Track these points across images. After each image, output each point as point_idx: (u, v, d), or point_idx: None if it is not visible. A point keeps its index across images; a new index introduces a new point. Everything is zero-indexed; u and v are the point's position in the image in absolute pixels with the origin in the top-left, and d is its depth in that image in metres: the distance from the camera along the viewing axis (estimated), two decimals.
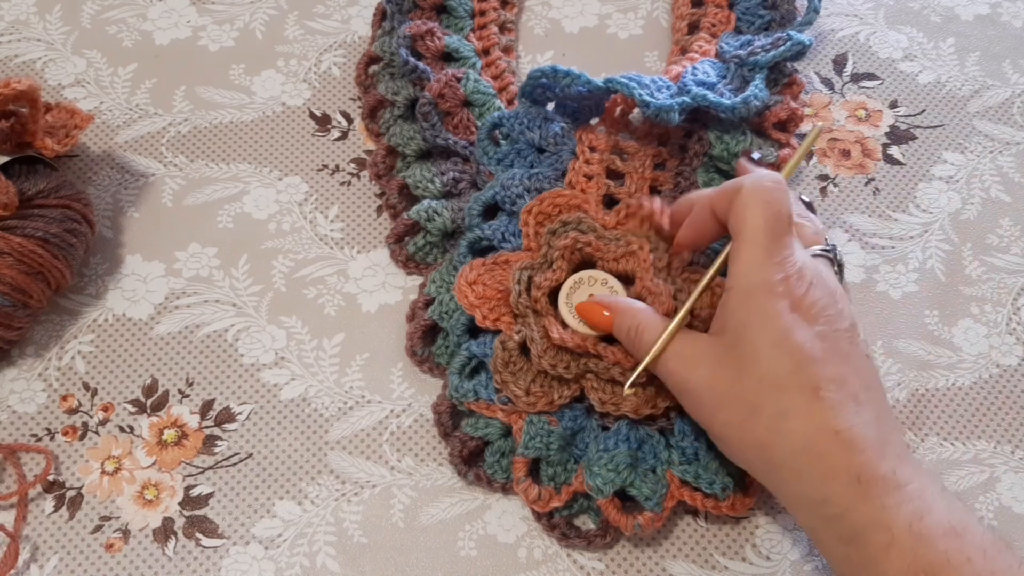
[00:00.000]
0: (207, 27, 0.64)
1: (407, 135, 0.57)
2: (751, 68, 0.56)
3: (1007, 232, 0.57)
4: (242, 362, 0.52)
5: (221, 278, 0.55)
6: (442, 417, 0.49)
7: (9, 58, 0.63)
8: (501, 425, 0.48)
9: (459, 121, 0.57)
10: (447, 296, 0.51)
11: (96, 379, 0.51)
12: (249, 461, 0.49)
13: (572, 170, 0.54)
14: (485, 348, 0.49)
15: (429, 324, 0.51)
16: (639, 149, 0.55)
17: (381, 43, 0.61)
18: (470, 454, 0.48)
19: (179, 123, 0.60)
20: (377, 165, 0.57)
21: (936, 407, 0.51)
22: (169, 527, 0.47)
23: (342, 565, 0.47)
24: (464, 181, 0.55)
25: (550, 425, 0.46)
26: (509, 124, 0.54)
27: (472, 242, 0.52)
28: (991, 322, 0.54)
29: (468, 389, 0.48)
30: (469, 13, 0.62)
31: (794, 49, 0.56)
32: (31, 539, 0.47)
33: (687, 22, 0.64)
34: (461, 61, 0.59)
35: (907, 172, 0.59)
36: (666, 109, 0.52)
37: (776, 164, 0.55)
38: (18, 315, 0.49)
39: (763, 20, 0.62)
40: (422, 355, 0.51)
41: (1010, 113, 0.62)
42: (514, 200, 0.52)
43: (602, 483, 0.45)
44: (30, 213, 0.49)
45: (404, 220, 0.54)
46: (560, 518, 0.47)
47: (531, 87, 0.53)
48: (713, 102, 0.53)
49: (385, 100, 0.58)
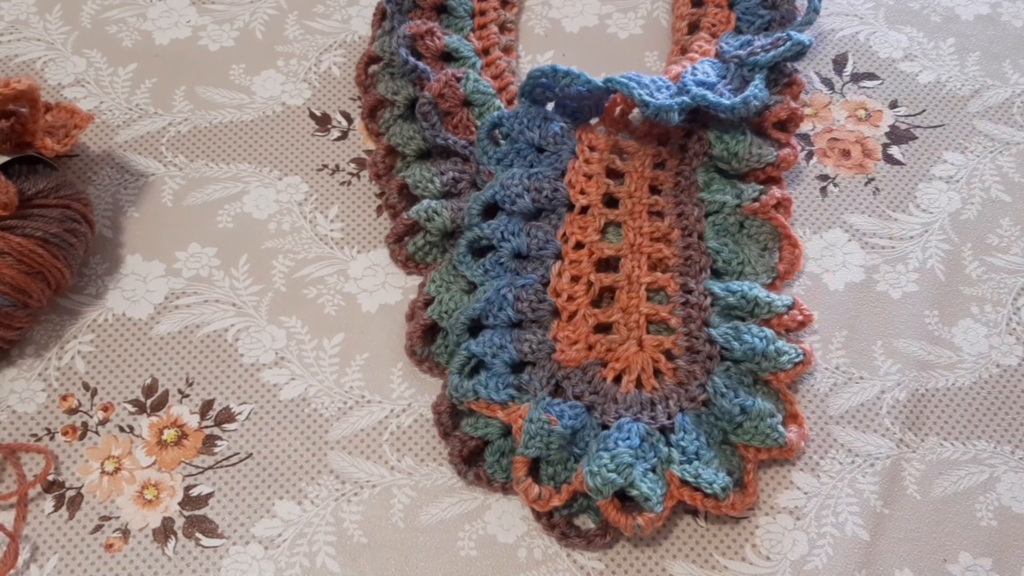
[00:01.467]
0: (207, 27, 0.64)
1: (407, 135, 0.57)
2: (751, 68, 0.56)
3: (1007, 232, 0.57)
4: (242, 362, 0.52)
5: (221, 278, 0.55)
6: (442, 417, 0.49)
7: (9, 58, 0.63)
8: (501, 424, 0.48)
9: (459, 121, 0.57)
10: (447, 295, 0.51)
11: (96, 379, 0.51)
12: (249, 461, 0.49)
13: (572, 169, 0.54)
14: (485, 347, 0.49)
15: (429, 324, 0.51)
16: (639, 149, 0.55)
17: (381, 43, 0.61)
18: (470, 454, 0.48)
19: (179, 123, 0.60)
20: (377, 165, 0.57)
21: (936, 407, 0.51)
22: (169, 527, 0.47)
23: (342, 565, 0.47)
24: (464, 181, 0.55)
25: (550, 424, 0.46)
26: (509, 124, 0.54)
27: (472, 241, 0.52)
28: (991, 322, 0.54)
29: (468, 388, 0.48)
30: (469, 13, 0.62)
31: (794, 49, 0.56)
32: (31, 539, 0.47)
33: (687, 22, 0.64)
34: (461, 61, 0.59)
35: (907, 172, 0.59)
36: (665, 109, 0.52)
37: (776, 164, 0.55)
38: (18, 315, 0.49)
39: (763, 20, 0.62)
40: (422, 355, 0.51)
41: (1010, 113, 0.62)
42: (514, 200, 0.52)
43: (602, 483, 0.45)
44: (30, 213, 0.49)
45: (404, 220, 0.54)
46: (560, 517, 0.47)
47: (531, 87, 0.53)
48: (712, 102, 0.53)
49: (385, 100, 0.59)
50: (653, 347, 0.50)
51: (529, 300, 0.50)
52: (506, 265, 0.52)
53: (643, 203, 0.54)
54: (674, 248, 0.53)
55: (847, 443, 0.50)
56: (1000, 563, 0.47)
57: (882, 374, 0.52)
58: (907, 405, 0.51)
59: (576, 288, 0.51)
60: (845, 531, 0.48)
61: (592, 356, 0.50)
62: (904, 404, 0.51)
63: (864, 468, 0.49)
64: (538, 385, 0.49)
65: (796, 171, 0.59)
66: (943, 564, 0.47)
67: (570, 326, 0.50)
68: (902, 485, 0.49)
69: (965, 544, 0.48)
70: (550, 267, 0.52)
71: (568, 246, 0.52)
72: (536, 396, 0.48)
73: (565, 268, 0.52)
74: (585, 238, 0.53)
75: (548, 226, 0.53)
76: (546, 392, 0.48)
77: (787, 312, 0.51)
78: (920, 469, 0.49)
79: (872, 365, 0.52)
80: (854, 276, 0.55)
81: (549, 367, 0.49)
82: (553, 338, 0.50)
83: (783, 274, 0.54)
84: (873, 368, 0.52)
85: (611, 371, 0.49)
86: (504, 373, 0.49)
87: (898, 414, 0.51)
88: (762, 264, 0.53)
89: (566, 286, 0.51)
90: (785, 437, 0.47)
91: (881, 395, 0.51)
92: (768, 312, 0.51)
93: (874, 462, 0.50)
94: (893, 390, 0.52)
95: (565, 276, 0.52)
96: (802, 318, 0.51)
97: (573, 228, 0.53)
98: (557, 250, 0.52)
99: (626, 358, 0.50)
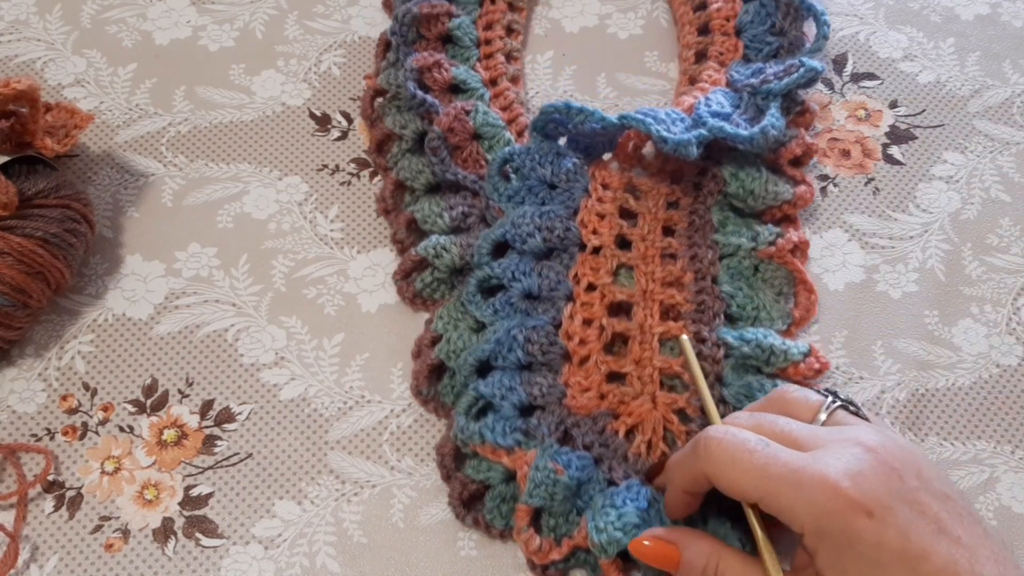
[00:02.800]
0: (207, 27, 0.64)
1: (415, 169, 0.55)
2: (764, 96, 0.55)
3: (1007, 232, 0.57)
4: (242, 362, 0.52)
5: (221, 278, 0.55)
6: (445, 459, 0.48)
7: (9, 58, 0.63)
8: (504, 469, 0.47)
9: (468, 154, 0.55)
10: (455, 334, 0.50)
11: (96, 379, 0.51)
12: (249, 461, 0.49)
13: (584, 208, 0.52)
14: (493, 388, 0.47)
15: (436, 363, 0.50)
16: (653, 187, 0.53)
17: (386, 75, 0.59)
18: (470, 497, 0.47)
19: (179, 123, 0.60)
20: (385, 200, 0.56)
21: (936, 407, 0.51)
22: (169, 527, 0.47)
23: (342, 565, 0.47)
24: (473, 215, 0.54)
25: (556, 474, 0.44)
26: (520, 159, 0.53)
27: (481, 281, 0.51)
28: (991, 322, 0.54)
29: (474, 431, 0.46)
30: (475, 42, 0.61)
31: (807, 76, 0.55)
32: (31, 539, 0.47)
33: (694, 51, 0.62)
34: (469, 92, 0.58)
35: (907, 172, 0.59)
36: (684, 144, 0.50)
37: (792, 202, 0.54)
38: (18, 315, 0.49)
39: (771, 47, 0.60)
40: (428, 394, 0.50)
41: (1010, 113, 0.62)
42: (524, 239, 0.51)
43: (607, 542, 0.43)
44: (30, 213, 0.49)
45: (411, 256, 0.53)
46: (556, 570, 0.46)
47: (543, 122, 0.52)
48: (731, 134, 0.51)
49: (393, 134, 0.57)
50: (667, 405, 0.48)
51: (540, 342, 0.49)
52: (516, 305, 0.50)
53: (656, 246, 0.52)
54: (687, 293, 0.51)
55: None
56: None
57: (882, 374, 0.52)
58: (907, 405, 0.51)
59: (588, 332, 0.50)
60: None
61: (604, 406, 0.48)
62: (904, 404, 0.51)
63: None
64: (546, 431, 0.47)
65: None
66: None
67: (582, 371, 0.49)
68: None
69: None
70: (561, 308, 0.50)
71: (580, 287, 0.51)
72: (544, 442, 0.46)
73: (577, 310, 0.50)
74: (597, 280, 0.51)
75: (559, 266, 0.51)
76: (554, 439, 0.47)
77: (803, 360, 0.49)
78: None
79: (872, 365, 0.52)
80: (854, 276, 0.55)
81: (559, 413, 0.48)
82: (564, 382, 0.48)
83: (798, 320, 0.52)
84: (873, 368, 0.52)
85: (622, 425, 0.48)
86: (512, 416, 0.47)
87: (898, 414, 0.51)
88: (777, 310, 0.51)
89: (578, 329, 0.50)
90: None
91: (881, 395, 0.51)
92: (784, 361, 0.49)
93: None
94: (893, 390, 0.52)
95: (577, 319, 0.50)
96: (819, 366, 0.49)
97: (585, 269, 0.51)
98: (569, 291, 0.51)
99: (639, 414, 0.48)
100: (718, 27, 0.62)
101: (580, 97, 0.62)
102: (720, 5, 0.63)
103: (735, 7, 0.62)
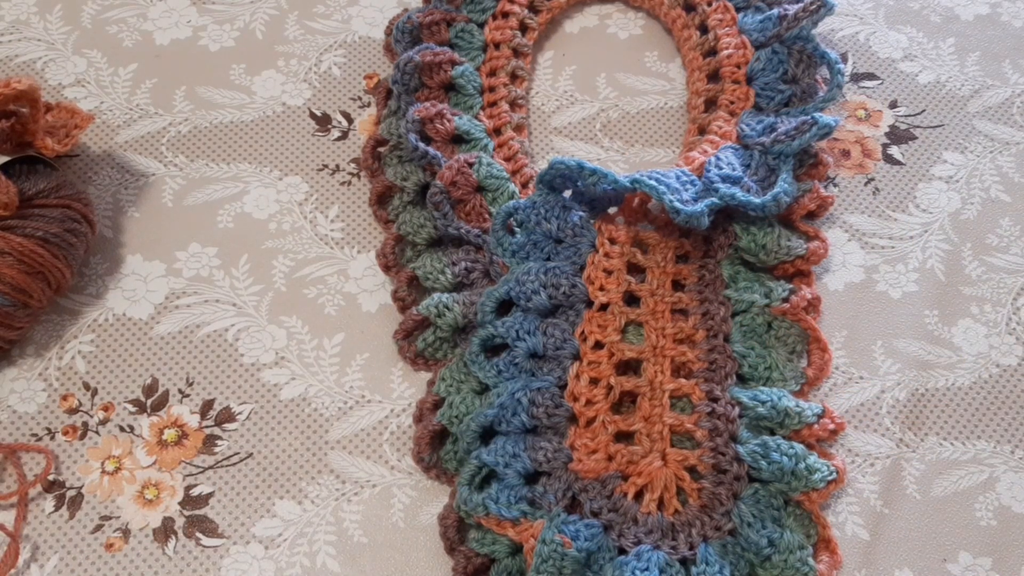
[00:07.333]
0: (207, 27, 0.64)
1: (417, 223, 0.54)
2: (776, 156, 0.54)
3: (1007, 232, 0.57)
4: (242, 362, 0.52)
5: (221, 278, 0.55)
6: (448, 531, 0.46)
7: (9, 58, 0.63)
8: (510, 542, 0.45)
9: (471, 208, 0.54)
10: (457, 398, 0.49)
11: (96, 379, 0.51)
12: (249, 461, 0.49)
13: (591, 264, 0.51)
14: (497, 456, 0.46)
15: (438, 428, 0.48)
16: (661, 240, 0.52)
17: (388, 124, 0.58)
18: (475, 571, 0.46)
19: (179, 123, 0.60)
20: (387, 256, 0.54)
21: (936, 407, 0.51)
22: (169, 527, 0.47)
23: (342, 565, 0.47)
24: (477, 271, 0.53)
25: (564, 547, 0.43)
26: (525, 213, 0.51)
27: (485, 340, 0.49)
28: (991, 322, 0.54)
29: (478, 503, 0.45)
30: (478, 90, 0.59)
31: (820, 133, 0.53)
32: (31, 539, 0.47)
33: (703, 98, 0.60)
34: (472, 143, 0.57)
35: (907, 172, 0.59)
36: (697, 216, 0.49)
37: (805, 257, 0.53)
38: (18, 315, 0.49)
39: (783, 96, 0.58)
40: (430, 461, 0.48)
41: (1010, 113, 0.62)
42: (529, 296, 0.49)
43: None
44: (30, 213, 0.49)
45: (413, 316, 0.51)
46: None
47: (551, 177, 0.51)
48: (742, 201, 0.50)
49: (394, 186, 0.56)
50: (677, 462, 0.47)
51: (545, 405, 0.47)
52: (521, 365, 0.49)
53: (666, 301, 0.51)
54: (698, 351, 0.50)
55: (847, 443, 0.50)
56: (1000, 563, 0.47)
57: (882, 374, 0.52)
58: (907, 405, 0.51)
59: (595, 392, 0.48)
60: (845, 531, 0.48)
61: (612, 468, 0.47)
62: (904, 404, 0.51)
63: (864, 468, 0.49)
64: (553, 499, 0.45)
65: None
66: (943, 564, 0.47)
67: (588, 433, 0.47)
68: (902, 485, 0.49)
69: (965, 544, 0.48)
70: (567, 367, 0.49)
71: (587, 345, 0.49)
72: (550, 510, 0.45)
73: (584, 370, 0.49)
74: (605, 338, 0.50)
75: (565, 324, 0.50)
76: (561, 506, 0.45)
77: (817, 421, 0.48)
78: (920, 469, 0.49)
79: (872, 365, 0.52)
80: (854, 276, 0.55)
81: (565, 478, 0.46)
82: (570, 445, 0.47)
83: (811, 380, 0.51)
84: (873, 368, 0.52)
85: (632, 486, 0.46)
86: (517, 485, 0.46)
87: (898, 414, 0.51)
88: (790, 370, 0.50)
89: (584, 390, 0.48)
90: (816, 571, 0.45)
91: (881, 395, 0.52)
92: (798, 423, 0.48)
93: (874, 462, 0.50)
94: (893, 390, 0.52)
95: (583, 378, 0.48)
96: (833, 426, 0.49)
97: (592, 327, 0.50)
98: (575, 350, 0.49)
99: (648, 473, 0.46)
100: (728, 74, 0.60)
101: (580, 97, 0.62)
102: (731, 52, 0.61)
103: (746, 54, 0.60)
